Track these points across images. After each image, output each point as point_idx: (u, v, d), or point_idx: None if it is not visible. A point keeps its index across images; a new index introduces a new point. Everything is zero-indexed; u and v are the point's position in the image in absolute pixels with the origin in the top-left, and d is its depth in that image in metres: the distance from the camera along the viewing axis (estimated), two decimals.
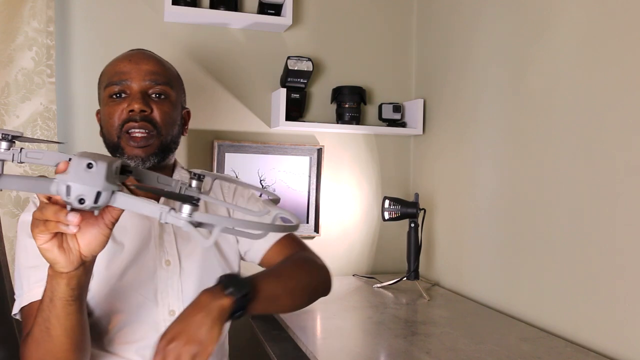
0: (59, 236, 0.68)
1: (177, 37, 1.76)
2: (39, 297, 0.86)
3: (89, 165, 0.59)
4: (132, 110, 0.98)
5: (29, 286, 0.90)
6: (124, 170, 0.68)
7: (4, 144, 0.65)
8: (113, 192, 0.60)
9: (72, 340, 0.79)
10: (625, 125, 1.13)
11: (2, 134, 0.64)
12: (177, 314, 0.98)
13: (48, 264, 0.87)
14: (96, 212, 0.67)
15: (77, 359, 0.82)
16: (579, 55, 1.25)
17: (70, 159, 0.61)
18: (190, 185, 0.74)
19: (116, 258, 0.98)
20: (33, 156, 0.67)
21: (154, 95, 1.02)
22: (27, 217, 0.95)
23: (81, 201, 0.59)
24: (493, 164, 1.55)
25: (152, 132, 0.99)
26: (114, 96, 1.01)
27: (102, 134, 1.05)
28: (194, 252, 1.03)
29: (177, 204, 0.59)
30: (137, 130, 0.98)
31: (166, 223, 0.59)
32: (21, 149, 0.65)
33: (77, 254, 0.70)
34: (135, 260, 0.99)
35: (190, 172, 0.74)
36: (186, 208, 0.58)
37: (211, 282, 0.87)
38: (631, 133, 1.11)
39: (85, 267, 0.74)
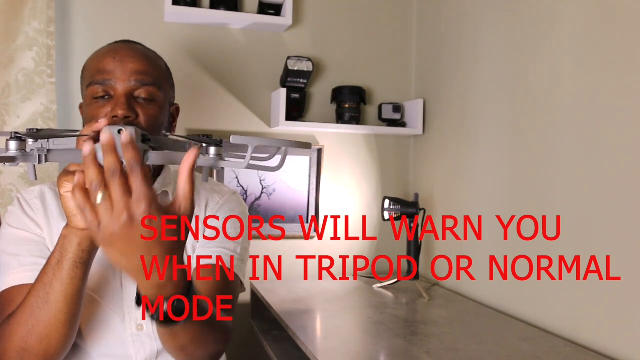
0: None
1: (178, 37, 1.76)
2: (16, 283, 0.90)
3: (119, 132, 0.65)
4: (115, 116, 0.91)
5: (7, 272, 0.91)
6: (144, 139, 0.75)
7: (31, 141, 0.72)
8: (145, 152, 0.67)
9: (69, 309, 0.80)
10: (627, 125, 1.13)
11: (27, 129, 0.72)
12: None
13: (29, 251, 0.92)
14: None
15: (66, 336, 0.82)
16: (579, 55, 1.25)
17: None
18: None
19: None
20: (60, 143, 0.73)
21: (140, 99, 0.94)
22: (11, 209, 1.00)
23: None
24: (493, 164, 1.55)
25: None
26: (98, 98, 0.94)
27: None
28: None
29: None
30: None
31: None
32: (48, 139, 0.71)
33: None
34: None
35: (198, 136, 0.78)
36: (212, 149, 0.67)
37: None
38: (633, 133, 1.11)
39: None
